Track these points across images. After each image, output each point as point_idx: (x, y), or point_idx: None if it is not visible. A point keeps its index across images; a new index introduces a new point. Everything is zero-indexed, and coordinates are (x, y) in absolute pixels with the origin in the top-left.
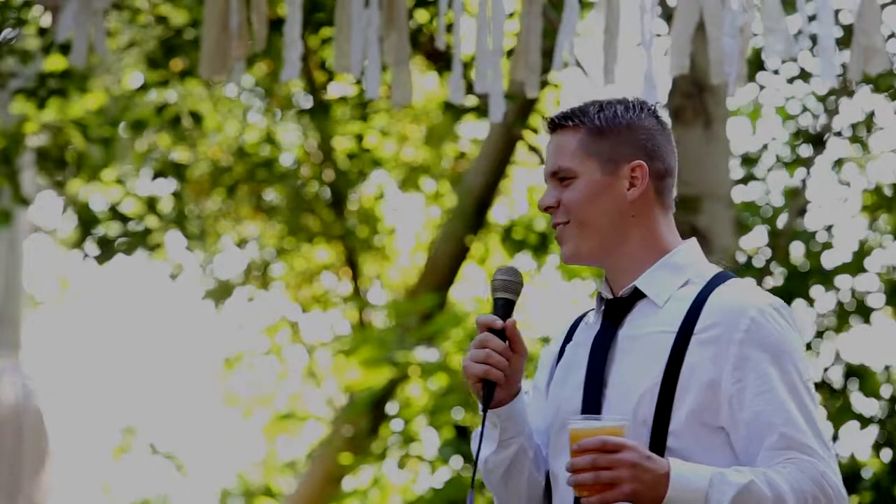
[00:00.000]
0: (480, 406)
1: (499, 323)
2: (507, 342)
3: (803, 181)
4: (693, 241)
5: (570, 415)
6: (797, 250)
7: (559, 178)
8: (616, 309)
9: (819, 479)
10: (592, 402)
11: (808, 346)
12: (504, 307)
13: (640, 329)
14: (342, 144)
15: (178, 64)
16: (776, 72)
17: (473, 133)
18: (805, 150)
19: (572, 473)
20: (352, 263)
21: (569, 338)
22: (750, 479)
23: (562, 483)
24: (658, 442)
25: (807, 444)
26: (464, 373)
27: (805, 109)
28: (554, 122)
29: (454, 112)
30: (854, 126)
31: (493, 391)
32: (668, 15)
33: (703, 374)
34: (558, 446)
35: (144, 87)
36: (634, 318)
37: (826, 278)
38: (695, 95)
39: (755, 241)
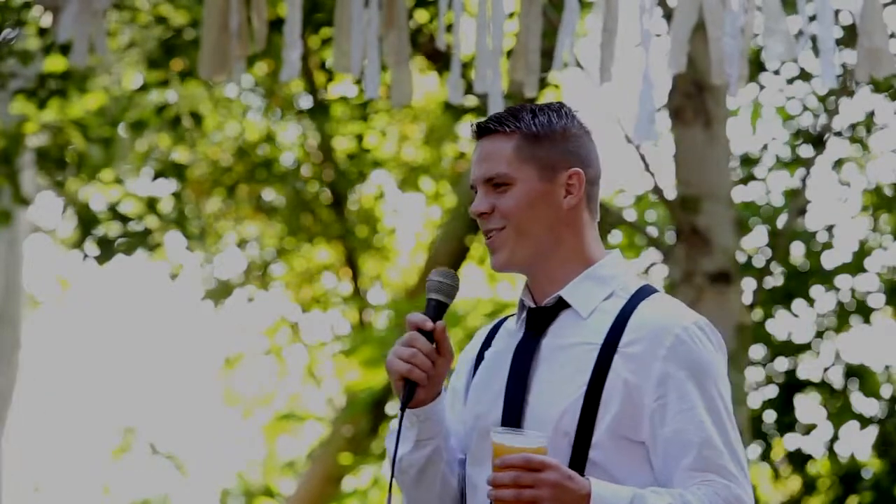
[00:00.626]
0: (398, 406)
1: (428, 324)
2: (434, 344)
3: (803, 181)
4: (617, 252)
5: (491, 423)
6: (797, 250)
7: (494, 183)
8: (539, 318)
9: (734, 502)
10: (514, 411)
11: (808, 346)
12: (436, 308)
13: (564, 339)
14: (342, 145)
15: (178, 64)
16: (776, 72)
17: None
18: (805, 150)
19: (493, 488)
20: (352, 263)
21: (487, 344)
22: (668, 502)
23: (480, 492)
24: (580, 454)
25: (724, 466)
26: (387, 367)
27: (805, 109)
28: (486, 126)
29: (454, 112)
30: (854, 126)
31: (414, 391)
32: (667, 15)
33: (626, 389)
34: (478, 454)
35: (144, 88)
36: (558, 329)
37: (826, 278)
38: (695, 95)
39: (755, 241)
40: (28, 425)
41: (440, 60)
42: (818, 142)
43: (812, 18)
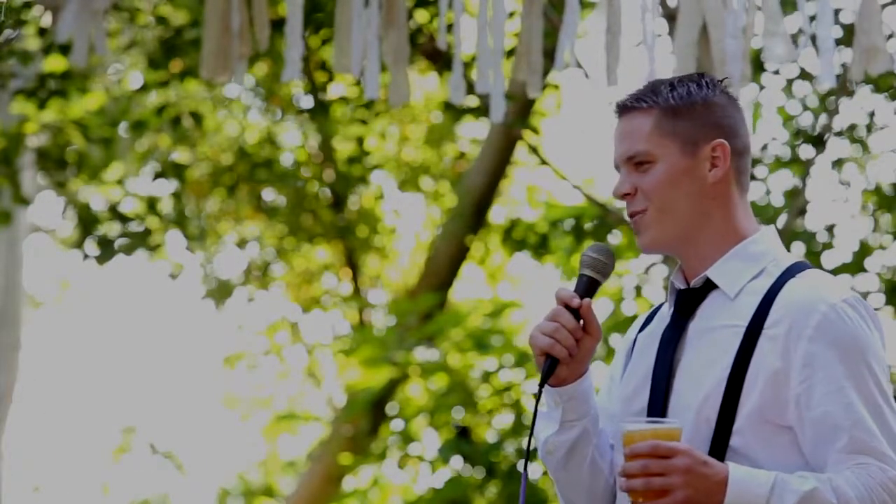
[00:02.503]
0: (539, 381)
1: (576, 301)
2: (580, 321)
3: (803, 181)
4: (771, 228)
5: (637, 409)
6: (797, 250)
7: (635, 162)
8: (688, 300)
9: (891, 486)
10: (659, 396)
11: None
12: (587, 285)
13: (711, 322)
14: (342, 147)
15: (178, 64)
16: (776, 72)
17: (473, 133)
18: (805, 150)
19: (625, 478)
20: (352, 263)
21: (643, 328)
22: (814, 486)
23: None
24: (721, 440)
25: (879, 448)
26: (529, 342)
27: (805, 109)
28: (624, 104)
29: (454, 112)
30: (854, 126)
31: (554, 367)
32: (669, 15)
33: (771, 372)
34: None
35: (145, 88)
36: (706, 310)
37: None
38: None
39: None
40: (28, 425)
41: (440, 60)
42: (818, 142)
43: (812, 18)
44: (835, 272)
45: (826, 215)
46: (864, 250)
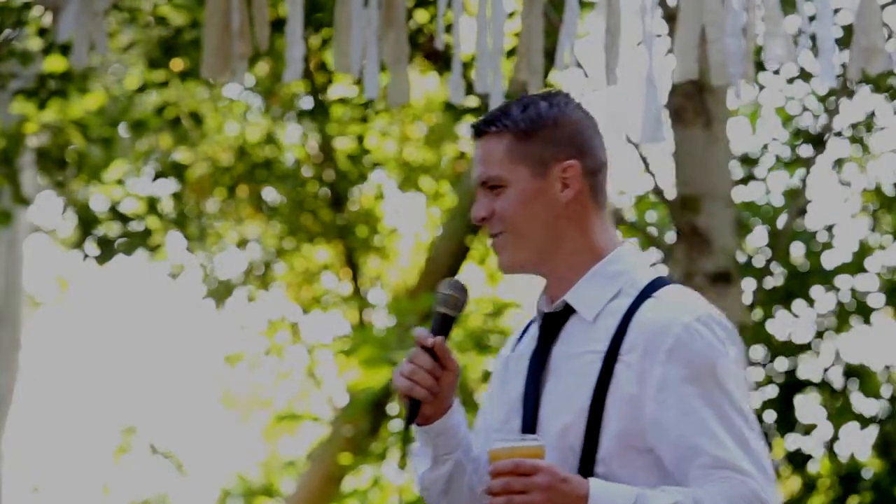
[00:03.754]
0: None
1: (428, 341)
2: (436, 359)
3: (803, 181)
4: (627, 244)
5: (506, 434)
6: (797, 250)
7: (489, 186)
8: (551, 324)
9: (751, 498)
10: (528, 424)
11: (808, 346)
12: (441, 322)
13: (573, 347)
14: (343, 145)
15: (178, 64)
16: (776, 72)
17: None
18: (805, 150)
19: (491, 497)
20: (352, 263)
21: (515, 347)
22: (676, 500)
23: None
24: (586, 469)
25: (737, 463)
26: (392, 386)
27: (805, 109)
28: (478, 127)
29: (454, 112)
30: (854, 126)
31: (417, 408)
32: (669, 15)
33: (628, 398)
34: None
35: (144, 88)
36: (568, 335)
37: (826, 278)
38: (695, 95)
39: (755, 241)
40: (28, 425)
41: (440, 60)
42: (818, 142)
43: (812, 18)
44: (835, 272)
45: (826, 215)
46: (864, 250)
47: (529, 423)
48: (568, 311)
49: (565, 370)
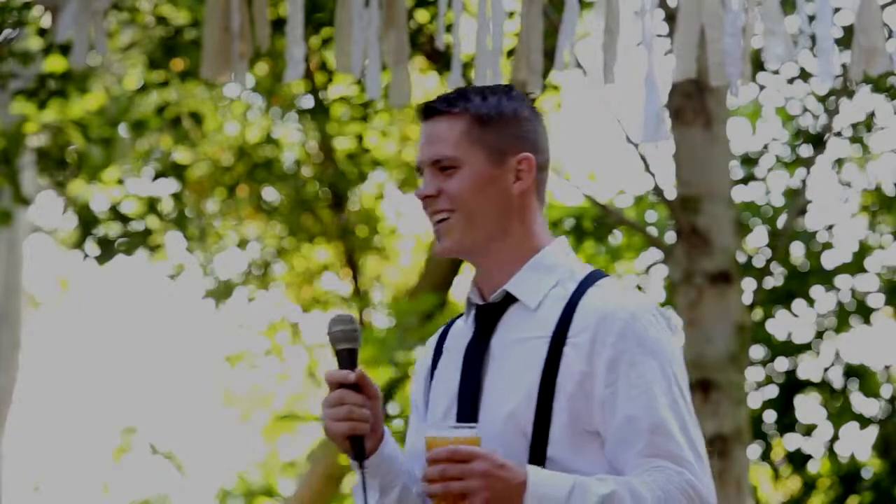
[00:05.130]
0: (354, 463)
1: (351, 377)
2: (361, 392)
3: (803, 181)
4: (562, 239)
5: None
6: (797, 250)
7: (441, 166)
8: (487, 315)
9: (687, 489)
10: (467, 415)
11: (808, 346)
12: (348, 357)
13: (515, 334)
14: (343, 145)
15: (178, 64)
16: (776, 72)
17: None
18: (805, 150)
19: (427, 484)
20: (352, 263)
21: (438, 351)
22: (612, 490)
23: None
24: (539, 451)
25: (676, 452)
26: (327, 434)
27: (805, 109)
28: (434, 108)
29: None
30: (854, 126)
31: (364, 445)
32: (668, 15)
33: (578, 377)
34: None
35: (145, 88)
36: (508, 324)
37: (826, 278)
38: (695, 96)
39: (755, 241)
40: (28, 425)
41: (440, 60)
42: (818, 142)
43: (812, 18)
44: (835, 272)
45: (826, 215)
46: (864, 250)
47: (468, 412)
48: (507, 302)
49: (509, 356)
